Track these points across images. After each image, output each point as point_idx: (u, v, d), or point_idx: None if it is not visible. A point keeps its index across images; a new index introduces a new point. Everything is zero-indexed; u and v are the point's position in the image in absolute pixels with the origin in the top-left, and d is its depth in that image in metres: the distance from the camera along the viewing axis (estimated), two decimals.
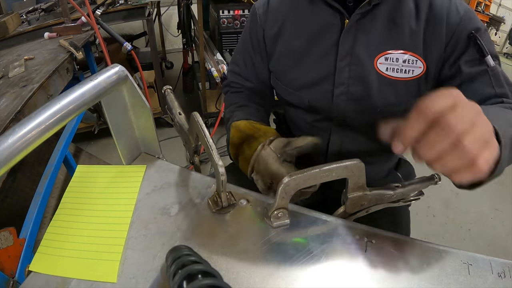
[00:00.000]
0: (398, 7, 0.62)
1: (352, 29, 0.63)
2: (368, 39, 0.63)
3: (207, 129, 0.45)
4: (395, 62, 0.63)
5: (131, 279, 0.37)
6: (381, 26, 0.63)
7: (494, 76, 0.61)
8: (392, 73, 0.63)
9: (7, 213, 1.27)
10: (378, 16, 0.62)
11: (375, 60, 0.64)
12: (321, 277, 0.38)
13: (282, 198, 0.42)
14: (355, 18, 0.62)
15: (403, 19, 0.61)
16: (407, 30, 0.62)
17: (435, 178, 0.48)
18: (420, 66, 0.62)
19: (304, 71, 0.69)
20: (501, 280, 0.39)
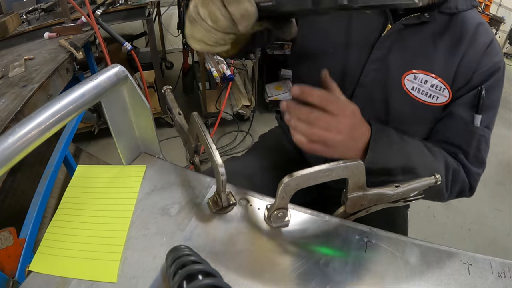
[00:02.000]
0: (444, 31, 0.61)
1: (392, 37, 0.61)
2: (403, 52, 0.62)
3: (207, 129, 0.45)
4: (423, 84, 0.61)
5: (131, 279, 0.37)
6: (421, 44, 0.61)
7: (469, 133, 0.63)
8: (417, 94, 0.62)
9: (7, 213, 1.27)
10: (422, 33, 0.61)
11: (403, 75, 0.62)
12: (321, 277, 0.38)
13: (282, 198, 0.42)
14: (398, 26, 0.60)
15: (444, 45, 0.60)
16: (445, 56, 0.60)
17: (435, 178, 0.48)
18: (446, 95, 0.62)
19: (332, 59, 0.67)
20: (501, 280, 0.39)
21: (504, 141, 2.41)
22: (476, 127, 0.62)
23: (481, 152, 0.65)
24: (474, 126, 0.62)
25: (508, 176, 2.07)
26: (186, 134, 0.53)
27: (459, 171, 0.63)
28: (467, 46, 0.60)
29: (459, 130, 0.63)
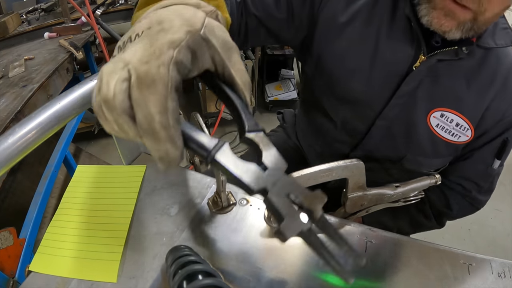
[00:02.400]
0: (478, 69, 0.56)
1: (423, 71, 0.56)
2: (434, 88, 0.57)
3: (207, 129, 0.45)
4: (449, 123, 0.58)
5: (131, 279, 0.37)
6: (453, 81, 0.57)
7: (487, 174, 0.65)
8: (441, 132, 0.59)
9: (7, 213, 1.27)
10: (456, 69, 0.56)
11: (430, 112, 0.58)
12: (321, 277, 0.38)
13: None
14: (433, 61, 0.55)
15: (477, 84, 0.57)
16: (475, 97, 0.57)
17: (435, 178, 0.48)
18: (468, 135, 0.59)
19: (352, 85, 0.61)
20: (501, 280, 0.39)
21: None
22: (494, 169, 0.64)
23: (493, 184, 0.68)
24: (492, 169, 0.63)
25: (508, 176, 2.07)
26: None
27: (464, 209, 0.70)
28: (498, 91, 0.57)
29: (478, 170, 0.65)
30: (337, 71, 0.62)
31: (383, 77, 0.59)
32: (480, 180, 0.66)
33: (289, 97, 2.42)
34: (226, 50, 0.29)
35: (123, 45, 0.28)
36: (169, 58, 0.25)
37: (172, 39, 0.25)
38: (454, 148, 0.61)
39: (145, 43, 0.25)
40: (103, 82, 0.25)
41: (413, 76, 0.56)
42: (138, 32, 0.27)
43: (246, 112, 0.29)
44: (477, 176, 0.65)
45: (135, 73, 0.24)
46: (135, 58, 0.25)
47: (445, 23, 0.48)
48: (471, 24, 0.48)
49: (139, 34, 0.27)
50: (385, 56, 0.58)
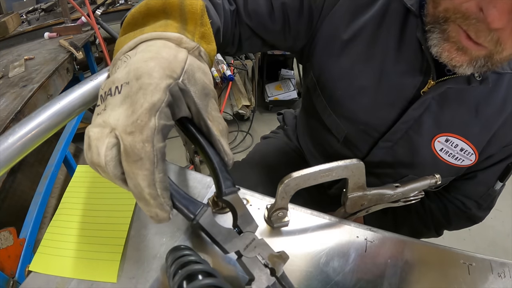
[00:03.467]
0: (488, 96, 0.53)
1: (432, 97, 0.53)
2: (440, 113, 0.55)
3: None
4: (453, 147, 0.57)
5: (131, 279, 0.37)
6: (461, 108, 0.54)
7: (488, 195, 0.66)
8: (444, 156, 0.58)
9: (7, 213, 1.27)
10: (466, 96, 0.53)
11: (435, 137, 0.56)
12: (321, 277, 0.38)
13: (282, 198, 0.41)
14: (443, 88, 0.51)
15: (486, 111, 0.54)
16: (483, 121, 0.55)
17: (435, 178, 0.48)
18: (472, 160, 0.58)
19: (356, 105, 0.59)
20: (501, 280, 0.39)
21: None
22: (495, 189, 0.64)
23: (493, 202, 0.69)
24: (494, 190, 0.64)
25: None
26: None
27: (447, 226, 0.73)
28: (507, 117, 0.54)
29: (480, 190, 0.65)
30: (340, 91, 0.60)
31: (389, 100, 0.56)
32: (481, 200, 0.66)
33: (289, 97, 2.42)
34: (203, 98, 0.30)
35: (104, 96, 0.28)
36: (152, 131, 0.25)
37: (152, 102, 0.26)
38: (456, 170, 0.60)
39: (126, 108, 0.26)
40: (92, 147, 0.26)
41: (421, 102, 0.54)
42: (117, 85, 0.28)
43: (223, 172, 0.32)
44: (478, 195, 0.66)
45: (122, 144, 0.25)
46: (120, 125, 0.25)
47: (457, 57, 0.44)
48: (485, 61, 0.44)
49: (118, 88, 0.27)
50: (391, 78, 0.55)
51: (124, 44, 0.32)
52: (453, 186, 0.68)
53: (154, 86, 0.26)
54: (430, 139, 0.57)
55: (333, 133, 0.65)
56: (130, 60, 0.29)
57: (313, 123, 0.72)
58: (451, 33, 0.43)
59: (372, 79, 0.56)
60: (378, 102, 0.57)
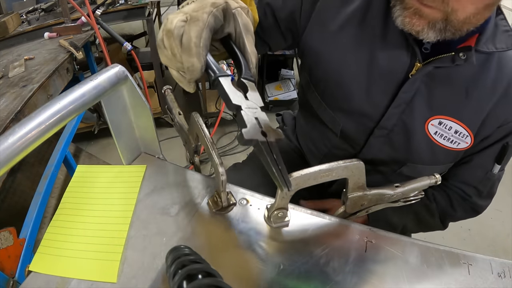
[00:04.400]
0: (478, 75, 0.55)
1: (420, 78, 0.55)
2: (431, 96, 0.56)
3: (207, 129, 0.45)
4: (447, 130, 0.58)
5: (131, 279, 0.37)
6: (451, 88, 0.55)
7: (486, 179, 0.65)
8: (439, 139, 0.58)
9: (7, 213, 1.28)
10: (454, 77, 0.55)
11: (428, 120, 0.58)
12: (321, 277, 0.38)
13: (282, 198, 0.42)
14: (429, 68, 0.54)
15: (476, 91, 0.55)
16: (475, 102, 0.56)
17: (435, 178, 0.48)
18: (468, 142, 0.58)
19: (349, 95, 0.61)
20: (501, 280, 0.39)
21: None
22: (494, 174, 0.63)
23: (493, 189, 0.68)
24: (492, 174, 0.63)
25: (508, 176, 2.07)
26: (186, 134, 0.53)
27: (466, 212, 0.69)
28: (500, 97, 0.55)
29: (477, 175, 0.65)
30: (333, 82, 0.62)
31: (381, 86, 0.58)
32: (480, 185, 0.66)
33: (289, 97, 2.42)
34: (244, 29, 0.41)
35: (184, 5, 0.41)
36: (209, 11, 0.38)
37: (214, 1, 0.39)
38: (454, 155, 0.61)
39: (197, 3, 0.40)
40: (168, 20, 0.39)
41: (410, 84, 0.56)
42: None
43: (246, 66, 0.41)
44: (477, 181, 0.66)
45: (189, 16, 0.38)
46: (190, 9, 0.39)
47: (416, 22, 0.48)
48: (444, 24, 0.47)
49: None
50: (381, 64, 0.57)
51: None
52: (452, 174, 0.67)
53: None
54: (424, 122, 0.58)
55: (330, 128, 0.67)
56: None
57: (310, 121, 0.74)
58: (408, 2, 0.48)
59: (362, 67, 0.58)
60: (370, 89, 0.59)
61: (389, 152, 0.63)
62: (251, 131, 0.34)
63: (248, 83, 0.40)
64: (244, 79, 0.40)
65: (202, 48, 0.37)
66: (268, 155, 0.34)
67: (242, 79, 0.40)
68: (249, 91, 0.39)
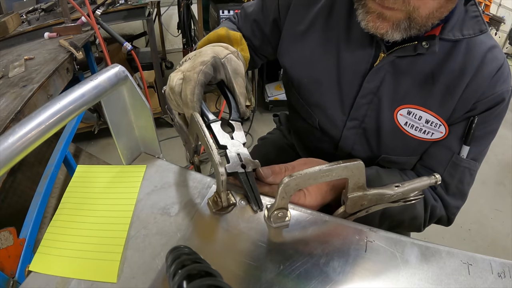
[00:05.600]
0: (443, 64, 0.54)
1: (384, 68, 0.56)
2: (397, 85, 0.57)
3: (207, 129, 0.45)
4: (417, 120, 0.57)
5: (131, 279, 0.37)
6: (416, 77, 0.56)
7: (453, 165, 0.59)
8: (410, 130, 0.58)
9: (7, 213, 1.28)
10: (418, 64, 0.55)
11: (396, 110, 0.57)
12: (321, 277, 0.38)
13: (282, 198, 0.41)
14: (391, 58, 0.55)
15: (443, 78, 0.55)
16: (443, 90, 0.55)
17: (435, 178, 0.48)
18: (442, 132, 0.57)
19: (321, 90, 0.63)
20: (501, 280, 0.39)
21: (504, 141, 2.41)
22: (462, 158, 0.58)
23: (464, 184, 0.61)
24: (459, 158, 0.59)
25: (508, 176, 2.07)
26: (186, 134, 0.53)
27: (436, 207, 0.61)
28: (470, 79, 0.54)
29: (443, 160, 0.60)
30: (306, 78, 0.64)
31: (349, 78, 0.60)
32: (446, 174, 0.60)
33: None
34: (234, 73, 0.49)
35: (183, 62, 0.51)
36: (199, 70, 0.46)
37: (203, 60, 0.47)
38: (426, 145, 0.60)
39: (190, 63, 0.48)
40: (171, 79, 0.48)
41: (374, 74, 0.57)
42: (189, 56, 0.51)
43: (235, 108, 0.50)
44: (442, 166, 0.60)
45: (184, 75, 0.47)
46: (185, 68, 0.48)
47: (380, 25, 0.49)
48: (408, 22, 0.47)
49: (190, 57, 0.51)
50: (347, 57, 0.59)
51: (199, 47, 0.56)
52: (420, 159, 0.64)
53: (206, 55, 0.48)
54: (392, 112, 0.58)
55: (309, 123, 0.70)
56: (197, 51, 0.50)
57: (295, 118, 0.76)
58: (369, 5, 0.49)
59: (332, 62, 0.61)
60: (340, 83, 0.61)
61: (364, 145, 0.64)
62: (232, 166, 0.44)
63: (235, 123, 0.49)
64: (232, 121, 0.49)
65: (196, 102, 0.46)
66: (245, 183, 0.44)
67: (230, 121, 0.49)
68: (235, 130, 0.48)
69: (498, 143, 2.37)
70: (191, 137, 0.52)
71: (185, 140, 0.54)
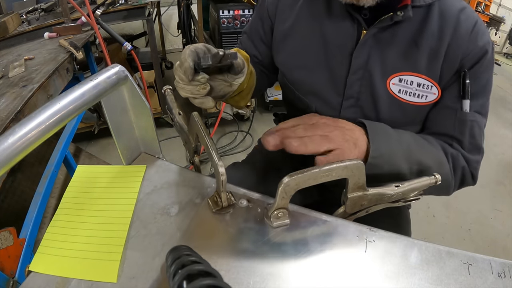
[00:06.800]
0: (422, 28, 0.58)
1: (368, 43, 0.59)
2: (384, 56, 0.60)
3: (207, 129, 0.45)
4: (409, 85, 0.59)
5: (131, 279, 0.37)
6: (400, 45, 0.59)
7: (460, 121, 0.61)
8: (405, 96, 0.60)
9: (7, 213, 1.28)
10: (399, 34, 0.59)
11: (388, 80, 0.60)
12: (321, 277, 0.38)
13: (282, 198, 0.42)
14: (373, 31, 0.58)
15: (425, 41, 0.58)
16: (427, 53, 0.58)
17: (435, 178, 0.48)
18: (435, 93, 0.60)
19: (314, 77, 0.66)
20: (501, 280, 0.39)
21: (504, 141, 2.41)
22: (466, 113, 0.60)
23: (476, 138, 0.62)
24: (464, 113, 0.60)
25: (508, 176, 2.07)
26: (186, 134, 0.53)
27: (457, 156, 0.61)
28: (450, 38, 0.58)
29: (448, 120, 0.61)
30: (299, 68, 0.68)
31: (338, 60, 0.63)
32: (456, 132, 0.61)
33: None
34: None
35: None
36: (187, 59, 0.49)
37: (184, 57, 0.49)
38: (426, 110, 0.62)
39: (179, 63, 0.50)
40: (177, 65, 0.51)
41: (359, 49, 0.60)
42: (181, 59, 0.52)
43: None
44: (450, 127, 0.62)
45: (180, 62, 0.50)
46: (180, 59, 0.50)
47: None
48: None
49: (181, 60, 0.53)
50: (333, 40, 0.63)
51: None
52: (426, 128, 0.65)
53: None
54: (384, 82, 0.60)
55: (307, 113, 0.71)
56: None
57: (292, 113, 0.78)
58: None
59: (319, 47, 0.64)
60: (330, 66, 0.64)
61: None
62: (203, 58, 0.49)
63: None
64: None
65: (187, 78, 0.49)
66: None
67: None
68: None
69: (498, 143, 2.37)
70: (191, 137, 0.52)
71: (185, 140, 0.54)
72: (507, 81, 3.56)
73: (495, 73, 3.65)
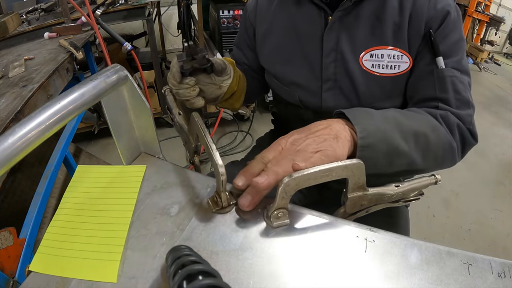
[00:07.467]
0: (382, 4, 0.62)
1: (335, 26, 0.64)
2: (352, 36, 0.64)
3: (207, 129, 0.45)
4: (381, 59, 0.63)
5: (131, 279, 0.37)
6: (365, 23, 0.63)
7: (439, 79, 0.60)
8: (378, 69, 0.64)
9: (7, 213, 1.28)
10: (362, 13, 0.63)
11: (360, 57, 0.64)
12: (321, 277, 0.38)
13: (282, 198, 0.42)
14: (337, 15, 0.64)
15: (387, 16, 0.62)
16: (391, 26, 0.62)
17: (435, 178, 0.48)
18: (406, 61, 0.63)
19: (293, 68, 0.71)
20: (501, 280, 0.39)
21: (504, 141, 2.41)
22: (443, 69, 0.60)
23: (461, 93, 0.61)
24: (440, 70, 0.60)
25: (508, 176, 2.07)
26: (186, 134, 0.53)
27: (447, 115, 0.60)
28: (411, 9, 0.61)
29: (427, 82, 0.62)
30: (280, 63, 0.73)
31: (312, 47, 0.68)
32: (438, 91, 0.61)
33: None
34: None
35: None
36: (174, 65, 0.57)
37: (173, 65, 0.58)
38: (401, 81, 0.64)
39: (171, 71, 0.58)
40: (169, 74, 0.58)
41: (328, 33, 0.65)
42: None
43: None
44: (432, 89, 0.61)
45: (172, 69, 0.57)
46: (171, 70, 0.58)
47: None
48: None
49: None
50: (305, 30, 0.68)
51: None
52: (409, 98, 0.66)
53: None
54: (357, 60, 0.64)
55: (292, 103, 0.76)
56: None
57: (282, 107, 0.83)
58: None
59: (294, 39, 0.70)
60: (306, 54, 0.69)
61: (344, 101, 0.68)
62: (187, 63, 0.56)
63: None
64: None
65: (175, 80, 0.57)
66: None
67: None
68: None
69: (498, 143, 2.37)
70: (191, 137, 0.52)
71: (185, 140, 0.55)
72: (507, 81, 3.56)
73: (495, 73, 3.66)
